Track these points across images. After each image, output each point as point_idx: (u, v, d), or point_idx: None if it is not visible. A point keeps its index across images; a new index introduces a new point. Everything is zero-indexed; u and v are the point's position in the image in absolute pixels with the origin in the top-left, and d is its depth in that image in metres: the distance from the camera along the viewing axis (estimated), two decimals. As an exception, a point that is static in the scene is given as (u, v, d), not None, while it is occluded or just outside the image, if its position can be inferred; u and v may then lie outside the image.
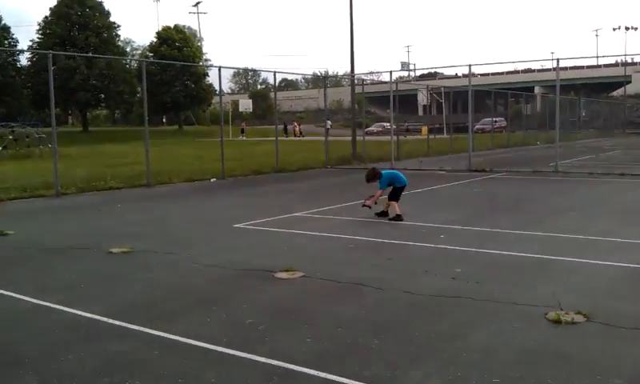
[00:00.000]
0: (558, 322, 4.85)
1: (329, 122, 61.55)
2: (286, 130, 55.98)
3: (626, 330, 4.69)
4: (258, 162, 21.93)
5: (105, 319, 5.02)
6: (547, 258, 7.16)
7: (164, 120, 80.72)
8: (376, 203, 10.07)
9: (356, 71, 28.00)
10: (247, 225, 9.59)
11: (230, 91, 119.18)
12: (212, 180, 17.75)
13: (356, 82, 29.57)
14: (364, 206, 10.11)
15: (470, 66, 20.72)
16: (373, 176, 10.29)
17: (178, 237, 8.82)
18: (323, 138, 24.52)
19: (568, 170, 19.06)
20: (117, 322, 4.93)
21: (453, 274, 6.37)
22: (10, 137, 32.53)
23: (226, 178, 18.06)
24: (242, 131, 54.07)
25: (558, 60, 19.15)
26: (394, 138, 24.97)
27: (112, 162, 24.02)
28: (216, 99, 76.19)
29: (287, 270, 6.48)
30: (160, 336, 4.61)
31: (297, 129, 58.78)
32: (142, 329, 4.76)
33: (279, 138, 22.15)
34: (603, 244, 8.05)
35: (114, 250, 7.68)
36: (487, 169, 19.75)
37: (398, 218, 9.80)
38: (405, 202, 10.35)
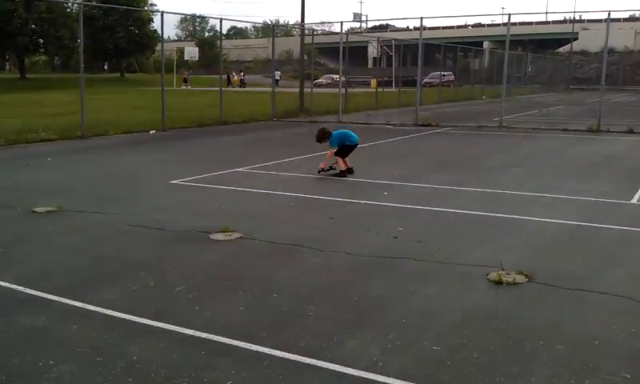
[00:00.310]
0: (499, 282, 4.75)
1: (278, 72, 59.83)
2: (229, 79, 54.33)
3: (569, 290, 4.62)
4: (202, 114, 21.22)
5: (20, 288, 4.60)
6: (490, 216, 7.09)
7: (105, 67, 77.50)
8: (333, 168, 9.74)
9: (307, 21, 27.32)
10: (184, 181, 9.17)
11: (176, 38, 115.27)
12: (151, 132, 17.04)
13: (306, 32, 28.83)
14: (320, 172, 9.78)
15: (421, 18, 20.43)
16: (322, 136, 9.99)
17: (109, 194, 8.33)
18: (271, 90, 23.87)
19: (512, 124, 19.24)
20: (33, 292, 4.53)
21: (394, 233, 6.20)
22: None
23: (166, 130, 17.36)
24: (185, 80, 52.16)
25: (509, 15, 19.10)
26: (342, 90, 24.58)
27: (48, 112, 22.83)
28: (159, 46, 73.60)
29: (224, 231, 6.17)
30: (80, 307, 4.25)
31: (235, 78, 56.41)
32: (60, 299, 4.39)
33: (225, 89, 21.42)
34: (546, 200, 8.06)
35: (39, 210, 7.16)
36: (433, 123, 19.72)
37: (342, 174, 9.58)
38: (350, 157, 10.12)
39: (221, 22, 20.27)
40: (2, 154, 12.57)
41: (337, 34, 23.64)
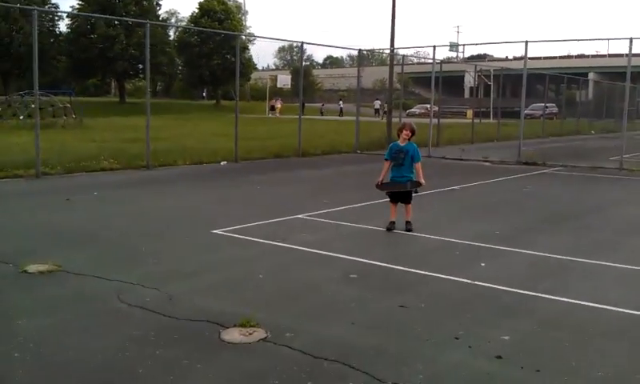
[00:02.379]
0: None
1: (378, 101, 57.89)
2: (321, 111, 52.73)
3: None
4: (281, 144, 19.73)
5: None
6: (637, 315, 4.80)
7: (204, 94, 79.13)
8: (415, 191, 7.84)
9: (399, 49, 25.48)
10: (228, 231, 7.43)
11: (274, 67, 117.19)
12: (222, 163, 15.70)
13: (398, 59, 26.98)
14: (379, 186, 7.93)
15: (526, 42, 17.85)
16: (406, 129, 7.83)
17: (128, 247, 6.71)
18: (363, 119, 22.01)
19: (634, 166, 16.27)
20: None
21: (497, 346, 4.09)
22: (32, 106, 31.07)
23: (238, 162, 15.98)
24: (272, 108, 51.42)
25: (631, 39, 16.17)
26: (435, 120, 22.35)
27: (127, 137, 22.21)
28: (255, 74, 74.06)
29: (244, 325, 4.31)
30: None
31: (279, 106, 51.50)
32: None
33: (308, 117, 19.96)
34: None
35: (31, 269, 5.62)
36: (539, 162, 17.12)
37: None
38: (437, 205, 8.08)
39: (302, 46, 18.92)
40: (51, 184, 11.52)
41: (430, 62, 21.59)
